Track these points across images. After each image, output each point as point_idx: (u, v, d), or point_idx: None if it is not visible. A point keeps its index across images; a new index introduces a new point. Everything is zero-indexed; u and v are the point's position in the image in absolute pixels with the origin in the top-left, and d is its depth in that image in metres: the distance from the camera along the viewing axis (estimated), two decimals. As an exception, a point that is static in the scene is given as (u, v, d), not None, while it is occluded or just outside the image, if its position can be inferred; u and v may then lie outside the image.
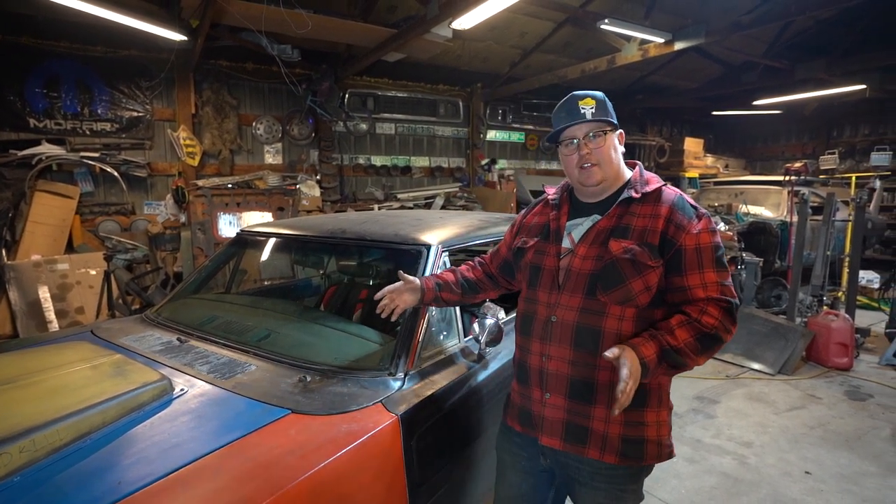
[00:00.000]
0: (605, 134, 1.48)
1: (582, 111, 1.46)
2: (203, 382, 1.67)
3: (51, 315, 4.76)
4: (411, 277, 1.77)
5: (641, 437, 1.46)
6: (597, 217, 1.51)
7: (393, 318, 1.75)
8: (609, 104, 1.50)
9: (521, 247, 1.66)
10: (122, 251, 5.83)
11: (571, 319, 1.47)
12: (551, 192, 1.68)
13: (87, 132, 5.85)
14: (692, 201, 1.48)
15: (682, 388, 4.31)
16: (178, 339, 2.06)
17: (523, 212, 1.80)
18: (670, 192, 1.49)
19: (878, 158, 8.38)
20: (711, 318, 1.37)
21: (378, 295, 1.77)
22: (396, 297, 1.74)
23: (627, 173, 1.56)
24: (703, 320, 1.37)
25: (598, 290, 1.44)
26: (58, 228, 5.42)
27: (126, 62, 5.97)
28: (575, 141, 1.49)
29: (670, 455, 1.53)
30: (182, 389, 1.61)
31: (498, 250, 1.85)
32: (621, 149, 1.54)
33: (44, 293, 4.78)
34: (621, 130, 1.54)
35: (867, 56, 6.82)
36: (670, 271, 1.42)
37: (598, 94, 1.49)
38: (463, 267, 1.90)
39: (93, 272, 5.10)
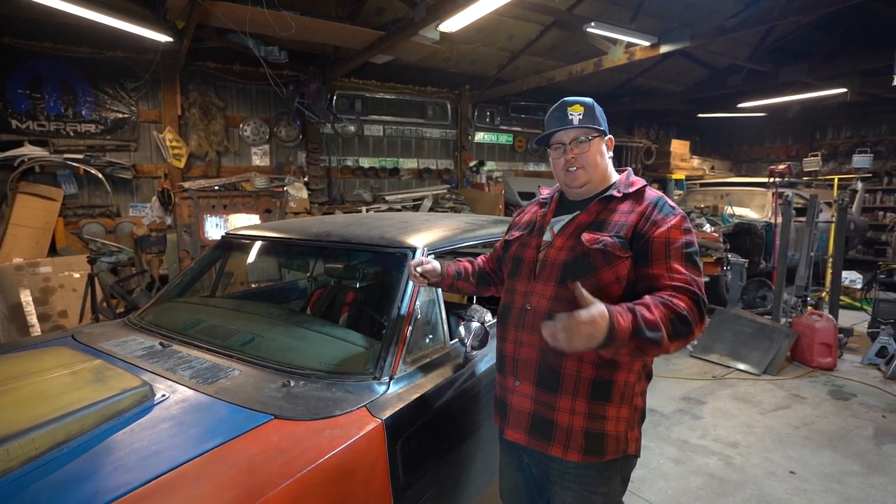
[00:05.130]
0: (590, 140, 1.55)
1: (570, 117, 1.54)
2: (185, 388, 1.65)
3: (33, 319, 4.68)
4: (431, 269, 1.86)
5: (602, 430, 1.48)
6: (577, 213, 1.59)
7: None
8: (598, 111, 1.57)
9: (508, 240, 1.75)
10: (106, 254, 5.75)
11: (544, 307, 1.52)
12: (545, 192, 1.76)
13: (71, 133, 5.78)
14: (673, 204, 1.53)
15: (670, 389, 4.34)
16: (161, 344, 2.03)
17: (519, 210, 1.88)
18: (652, 192, 1.55)
19: (860, 160, 8.52)
20: (682, 301, 1.33)
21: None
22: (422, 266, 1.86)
23: (615, 177, 1.63)
24: (674, 301, 1.33)
25: (569, 279, 1.46)
26: (40, 231, 5.34)
27: (111, 63, 5.90)
28: (562, 146, 1.57)
29: (626, 451, 1.53)
30: (163, 395, 1.59)
31: (496, 247, 1.94)
32: (609, 154, 1.61)
33: (25, 297, 4.70)
34: (610, 136, 1.61)
35: (848, 60, 6.94)
36: (638, 261, 1.45)
37: (588, 100, 1.56)
38: (480, 258, 1.99)
39: (76, 275, 5.02)
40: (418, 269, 1.85)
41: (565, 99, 1.58)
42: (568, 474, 1.53)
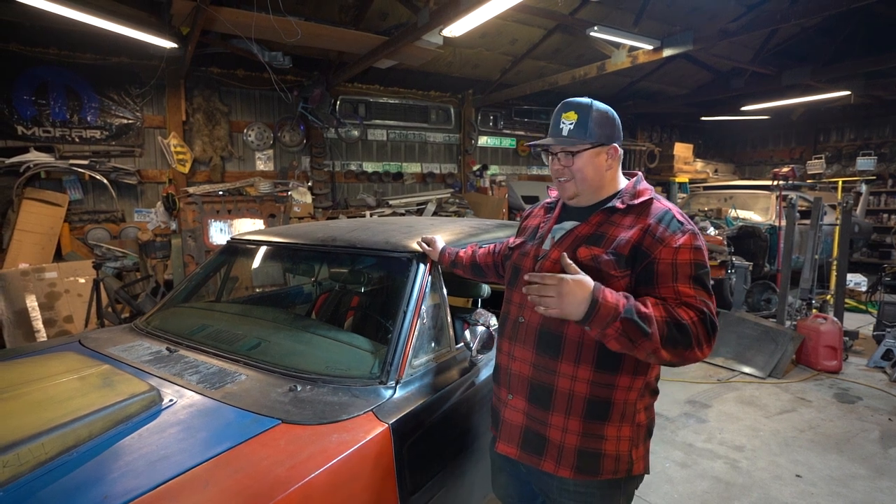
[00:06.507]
0: (575, 154, 1.45)
1: (560, 126, 1.46)
2: (192, 393, 1.66)
3: (38, 324, 4.70)
4: (434, 246, 2.09)
5: (598, 450, 1.41)
6: (577, 223, 1.50)
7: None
8: (596, 118, 1.45)
9: (511, 247, 1.71)
10: (111, 259, 5.78)
11: (536, 322, 1.48)
12: (553, 194, 1.69)
13: (76, 139, 5.81)
14: (682, 217, 1.42)
15: (674, 393, 4.33)
16: (168, 349, 2.04)
17: (528, 210, 1.82)
18: (659, 205, 1.44)
19: (864, 163, 8.50)
20: (687, 315, 1.27)
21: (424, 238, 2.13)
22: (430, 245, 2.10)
23: (622, 183, 1.53)
24: (678, 311, 1.27)
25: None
26: (46, 236, 5.36)
27: (116, 69, 5.94)
28: (553, 155, 1.51)
29: (629, 472, 1.44)
30: (171, 400, 1.60)
31: (506, 243, 1.92)
32: (609, 164, 1.49)
33: (31, 302, 4.72)
34: (613, 145, 1.48)
35: (851, 62, 6.93)
36: (640, 284, 1.36)
37: (585, 104, 1.46)
38: (482, 249, 2.05)
39: (81, 280, 5.05)
40: (424, 246, 2.10)
41: (566, 101, 1.49)
42: (567, 492, 1.46)
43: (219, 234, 6.10)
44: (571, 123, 1.44)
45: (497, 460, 1.70)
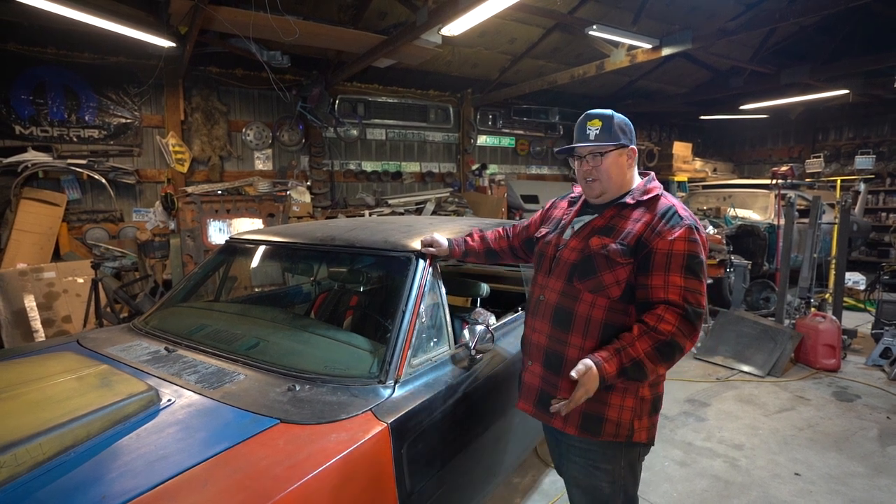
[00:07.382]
0: (603, 155, 1.65)
1: (587, 132, 1.66)
2: (191, 392, 1.66)
3: (37, 324, 4.69)
4: (438, 246, 2.09)
5: (601, 414, 1.60)
6: (595, 216, 1.72)
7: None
8: (617, 124, 1.65)
9: (538, 236, 1.91)
10: (110, 259, 5.77)
11: (553, 300, 1.69)
12: (577, 190, 1.88)
13: (75, 139, 5.80)
14: (685, 212, 1.60)
15: (674, 392, 4.32)
16: (166, 349, 2.04)
17: (552, 201, 2.01)
18: (665, 201, 1.64)
19: (862, 162, 8.51)
20: (668, 324, 1.49)
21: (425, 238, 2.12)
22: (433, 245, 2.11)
23: (636, 182, 1.73)
24: (660, 327, 1.49)
25: (575, 278, 1.65)
26: (44, 236, 5.35)
27: (114, 68, 5.93)
28: (580, 158, 1.70)
29: (630, 438, 1.61)
30: (169, 400, 1.60)
31: (527, 227, 2.09)
32: (630, 162, 1.70)
33: (30, 302, 4.71)
34: (632, 147, 1.69)
35: (850, 61, 6.93)
36: (639, 270, 1.57)
37: (607, 114, 1.67)
38: (491, 234, 2.19)
39: (80, 280, 5.04)
40: (429, 248, 2.09)
41: (588, 112, 1.68)
42: (573, 448, 1.69)
43: (217, 233, 6.09)
44: (597, 129, 1.65)
45: (544, 429, 1.89)
